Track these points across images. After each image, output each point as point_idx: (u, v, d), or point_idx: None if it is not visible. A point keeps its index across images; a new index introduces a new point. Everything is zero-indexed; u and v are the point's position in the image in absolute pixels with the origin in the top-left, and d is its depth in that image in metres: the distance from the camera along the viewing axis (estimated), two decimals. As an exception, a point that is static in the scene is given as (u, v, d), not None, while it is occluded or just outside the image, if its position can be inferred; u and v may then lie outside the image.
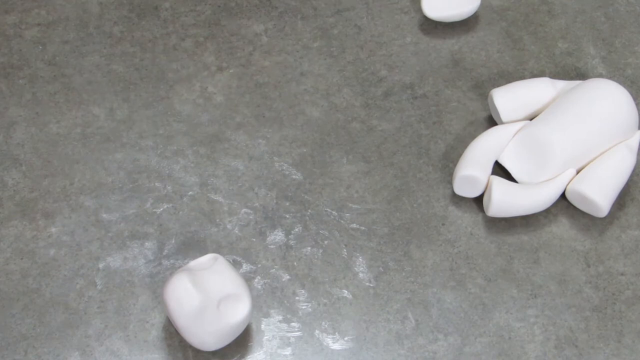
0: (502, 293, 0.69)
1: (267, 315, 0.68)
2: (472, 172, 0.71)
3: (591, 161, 0.73)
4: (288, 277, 0.70)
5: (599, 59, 0.81)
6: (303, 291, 0.69)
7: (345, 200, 0.73)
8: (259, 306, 0.68)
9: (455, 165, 0.75)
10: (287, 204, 0.73)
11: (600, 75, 0.80)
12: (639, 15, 0.84)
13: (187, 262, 0.70)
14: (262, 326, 0.68)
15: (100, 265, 0.70)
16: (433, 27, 0.82)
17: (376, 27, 0.82)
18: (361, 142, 0.76)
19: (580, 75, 0.80)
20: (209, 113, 0.77)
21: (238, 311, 0.63)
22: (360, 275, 0.70)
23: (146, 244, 0.71)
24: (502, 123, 0.76)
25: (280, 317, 0.68)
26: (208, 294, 0.63)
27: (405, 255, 0.71)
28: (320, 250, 0.71)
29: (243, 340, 0.66)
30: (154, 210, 0.72)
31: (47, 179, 0.72)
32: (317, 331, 0.67)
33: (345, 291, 0.69)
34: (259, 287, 0.69)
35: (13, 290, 0.68)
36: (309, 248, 0.71)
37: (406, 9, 0.83)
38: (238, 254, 0.70)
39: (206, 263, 0.65)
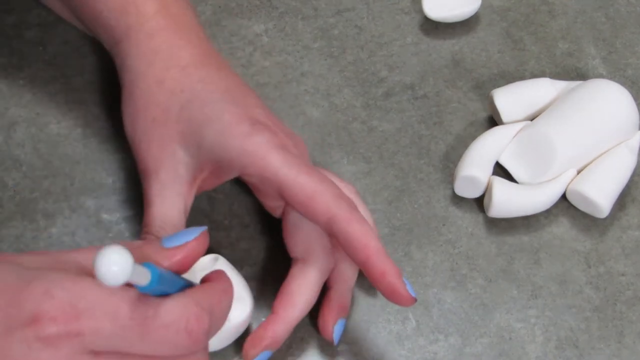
0: (503, 293, 0.69)
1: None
2: (472, 172, 0.71)
3: (592, 162, 0.73)
4: (289, 277, 0.70)
5: (599, 60, 0.81)
6: (304, 292, 0.69)
7: (345, 200, 0.73)
8: (260, 307, 0.68)
9: (455, 165, 0.75)
10: (288, 204, 0.73)
11: (600, 76, 0.80)
12: (640, 15, 0.84)
13: (188, 263, 0.70)
14: (263, 327, 0.67)
15: (101, 266, 0.69)
16: (434, 28, 0.82)
17: (377, 28, 0.82)
18: (361, 143, 0.76)
19: (581, 75, 0.80)
20: (210, 113, 0.77)
21: (239, 312, 0.63)
22: (361, 275, 0.70)
23: (147, 244, 0.71)
24: (502, 124, 0.76)
25: (281, 318, 0.68)
26: (209, 295, 0.63)
27: (406, 255, 0.71)
28: (321, 251, 0.71)
29: (244, 340, 0.66)
30: (155, 210, 0.72)
31: (48, 179, 0.72)
32: (317, 332, 0.67)
33: (346, 292, 0.69)
34: (260, 287, 0.69)
35: (13, 290, 0.68)
36: (310, 248, 0.71)
37: (407, 9, 0.83)
38: (239, 254, 0.70)
39: (207, 264, 0.65)
